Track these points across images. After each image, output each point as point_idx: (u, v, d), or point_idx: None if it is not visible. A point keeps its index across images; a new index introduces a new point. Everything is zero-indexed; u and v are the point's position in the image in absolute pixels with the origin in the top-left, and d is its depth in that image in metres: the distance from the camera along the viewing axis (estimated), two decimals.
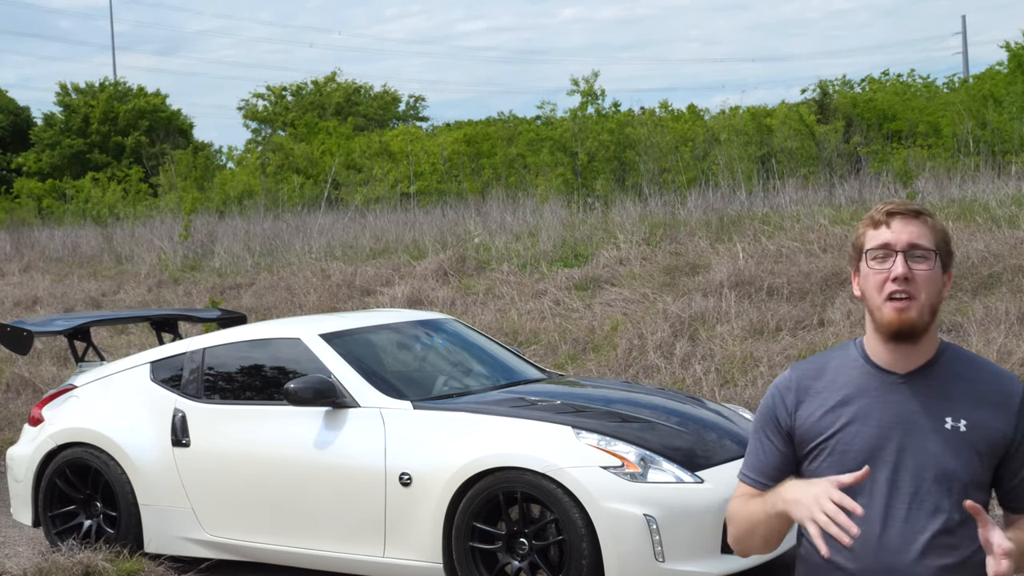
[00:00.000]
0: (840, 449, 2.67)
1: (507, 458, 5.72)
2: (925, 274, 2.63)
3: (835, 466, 2.66)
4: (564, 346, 10.89)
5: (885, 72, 35.50)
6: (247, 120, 47.00)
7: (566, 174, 21.92)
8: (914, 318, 2.61)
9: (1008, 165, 17.88)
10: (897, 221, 2.67)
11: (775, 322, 10.40)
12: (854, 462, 2.64)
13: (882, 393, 2.67)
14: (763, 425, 2.80)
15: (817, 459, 2.70)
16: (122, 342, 13.42)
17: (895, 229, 2.66)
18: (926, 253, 2.64)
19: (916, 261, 2.63)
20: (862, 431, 2.65)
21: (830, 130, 22.03)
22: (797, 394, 2.75)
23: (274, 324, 7.40)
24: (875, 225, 2.69)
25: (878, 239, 2.67)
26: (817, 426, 2.70)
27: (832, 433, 2.68)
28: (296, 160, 28.34)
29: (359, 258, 16.43)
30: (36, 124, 42.67)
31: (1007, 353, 8.84)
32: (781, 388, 2.79)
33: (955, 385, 2.67)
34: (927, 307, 2.63)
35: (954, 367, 2.70)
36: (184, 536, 6.78)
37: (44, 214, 29.74)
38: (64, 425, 7.20)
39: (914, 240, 2.64)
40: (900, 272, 2.61)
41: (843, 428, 2.67)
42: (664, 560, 5.42)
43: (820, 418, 2.70)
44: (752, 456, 2.82)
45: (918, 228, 2.66)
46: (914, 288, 2.62)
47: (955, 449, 2.62)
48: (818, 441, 2.70)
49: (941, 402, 2.64)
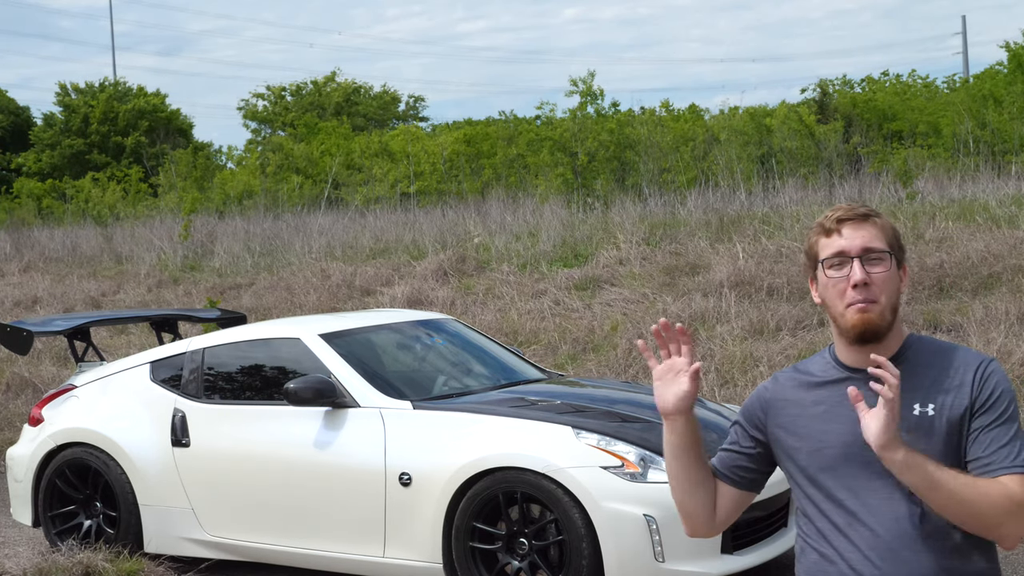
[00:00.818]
0: (815, 448, 2.73)
1: (507, 458, 5.72)
2: (883, 275, 2.69)
3: (812, 465, 2.73)
4: (564, 346, 10.89)
5: (885, 72, 35.50)
6: (247, 120, 47.02)
7: (566, 174, 21.93)
8: (876, 320, 2.67)
9: (1008, 165, 17.89)
10: (848, 227, 2.71)
11: (775, 322, 10.40)
12: (828, 459, 2.70)
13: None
14: (738, 422, 2.92)
15: (795, 459, 2.77)
16: (122, 342, 13.42)
17: (847, 235, 2.71)
18: (881, 255, 2.70)
19: (872, 264, 2.69)
20: (836, 429, 2.71)
21: (830, 130, 22.04)
22: (774, 397, 2.84)
23: (274, 324, 7.40)
24: (827, 233, 2.74)
25: (832, 247, 2.72)
26: (793, 428, 2.78)
27: (807, 435, 2.75)
28: (296, 160, 28.34)
29: (359, 258, 16.43)
30: (36, 124, 42.67)
31: (1007, 353, 8.84)
32: (761, 392, 2.89)
33: (923, 374, 2.70)
34: (888, 308, 2.69)
35: (921, 357, 2.74)
36: (184, 536, 6.78)
37: (44, 214, 29.74)
38: (64, 425, 7.20)
39: (867, 244, 2.69)
40: (859, 278, 2.66)
41: (818, 429, 2.74)
42: (664, 560, 5.43)
43: (796, 422, 2.78)
44: (726, 444, 2.93)
45: (869, 231, 2.71)
46: (874, 292, 2.67)
47: (925, 434, 2.64)
48: (795, 443, 2.77)
49: (908, 392, 2.67)
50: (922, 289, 10.73)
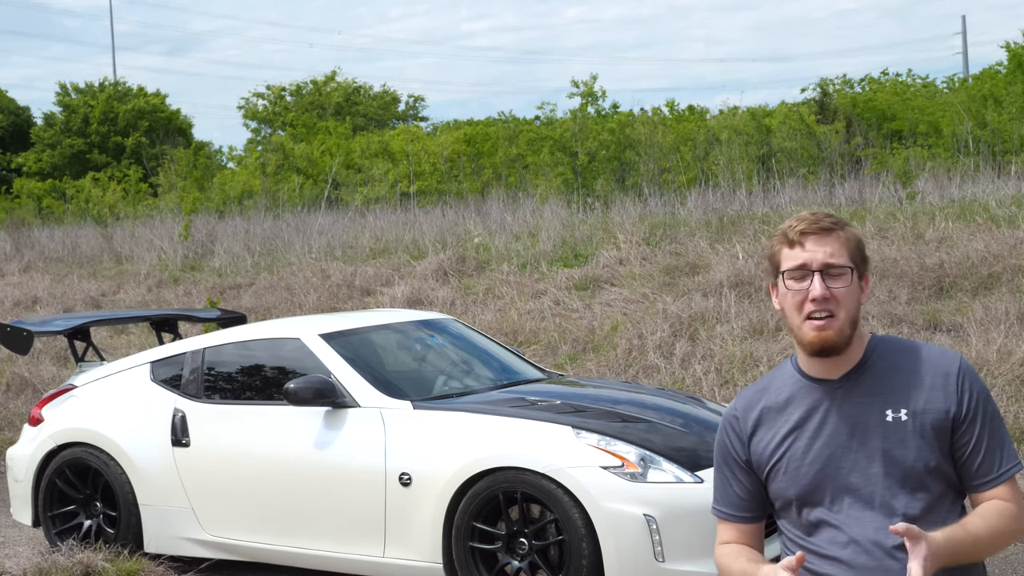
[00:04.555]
0: (793, 467, 2.73)
1: (507, 458, 5.72)
2: (843, 291, 2.68)
3: (792, 484, 2.73)
4: (564, 346, 10.89)
5: (884, 72, 35.49)
6: (247, 120, 47.01)
7: (566, 174, 21.93)
8: (833, 337, 2.67)
9: (1008, 165, 17.88)
10: (811, 241, 2.71)
11: (775, 322, 10.39)
12: (807, 476, 2.70)
13: (821, 402, 2.72)
14: (722, 461, 2.88)
15: (775, 479, 2.77)
16: (122, 342, 13.42)
17: (810, 249, 2.70)
18: (842, 270, 2.69)
19: (833, 279, 2.68)
20: (810, 444, 2.71)
21: (831, 130, 22.03)
22: (745, 424, 2.82)
23: (274, 324, 7.40)
24: (790, 244, 2.73)
25: (794, 260, 2.71)
26: (768, 450, 2.77)
27: (783, 453, 2.75)
28: (296, 160, 28.33)
29: (359, 258, 16.43)
30: (36, 124, 42.67)
31: (1007, 353, 8.84)
32: (730, 421, 2.87)
33: (891, 377, 2.71)
34: (847, 322, 2.68)
35: (888, 360, 2.74)
36: (184, 536, 6.78)
37: (44, 214, 29.72)
38: (64, 425, 7.20)
39: (828, 260, 2.68)
40: (819, 294, 2.66)
41: (791, 445, 2.73)
42: (664, 560, 5.43)
43: (769, 441, 2.77)
44: (719, 491, 2.89)
45: (831, 246, 2.70)
46: (833, 306, 2.67)
47: (900, 440, 2.65)
48: (772, 463, 2.76)
49: (879, 397, 2.68)
50: (922, 289, 10.73)
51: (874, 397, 2.67)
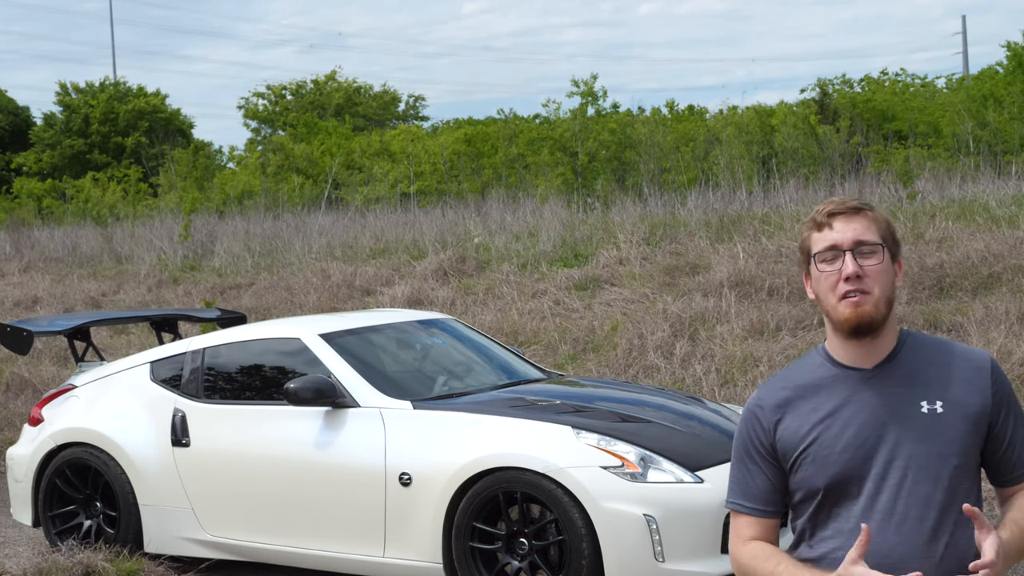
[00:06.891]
0: (822, 455, 2.68)
1: (507, 458, 5.72)
2: (876, 268, 2.67)
3: (821, 473, 2.68)
4: (564, 346, 10.89)
5: (884, 71, 35.47)
6: (247, 120, 47.00)
7: (566, 174, 21.93)
8: (871, 312, 2.64)
9: (1008, 165, 17.86)
10: (839, 221, 2.70)
11: (775, 322, 10.39)
12: (836, 465, 2.66)
13: (854, 391, 2.69)
14: (744, 452, 2.82)
15: (801, 468, 2.72)
16: (122, 342, 13.42)
17: (839, 229, 2.69)
18: (874, 247, 2.68)
19: (865, 257, 2.67)
20: (841, 433, 2.67)
21: (832, 130, 22.03)
22: (770, 413, 2.77)
23: (274, 324, 7.40)
24: (819, 228, 2.72)
25: (824, 241, 2.70)
26: (796, 437, 2.72)
27: (812, 441, 2.70)
28: (296, 160, 28.33)
29: (359, 258, 16.42)
30: (36, 124, 42.66)
31: (1007, 353, 8.84)
32: (754, 411, 2.81)
33: (925, 370, 2.69)
34: (882, 300, 2.66)
35: (920, 352, 2.72)
36: (184, 536, 6.78)
37: (44, 214, 29.71)
38: (64, 425, 7.20)
39: (860, 237, 2.67)
40: (851, 271, 2.64)
41: (822, 434, 2.69)
42: (664, 560, 5.42)
43: (797, 429, 2.72)
44: (739, 484, 2.83)
45: (861, 224, 2.69)
46: (867, 284, 2.65)
47: (935, 432, 2.64)
48: (799, 451, 2.71)
49: (914, 388, 2.66)
50: (922, 289, 10.73)
51: (908, 388, 2.65)
